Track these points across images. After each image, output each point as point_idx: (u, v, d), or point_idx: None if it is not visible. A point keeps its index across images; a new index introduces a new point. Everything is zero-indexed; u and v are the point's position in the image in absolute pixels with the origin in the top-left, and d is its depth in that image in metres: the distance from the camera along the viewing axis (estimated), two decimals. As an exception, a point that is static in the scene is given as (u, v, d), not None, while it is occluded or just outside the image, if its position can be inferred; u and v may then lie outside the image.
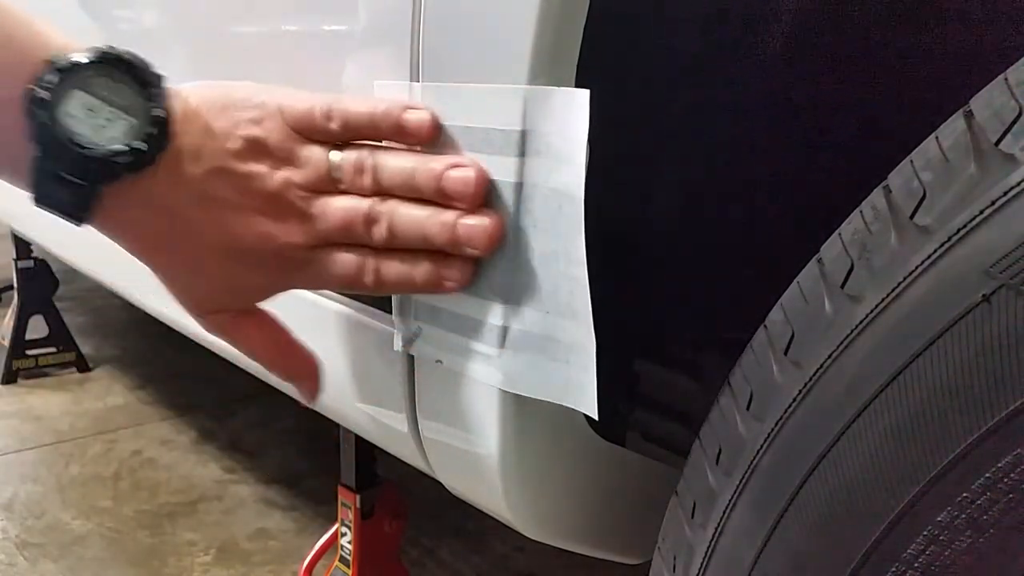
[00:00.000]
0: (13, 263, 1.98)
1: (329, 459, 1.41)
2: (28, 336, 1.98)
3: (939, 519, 0.32)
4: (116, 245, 0.46)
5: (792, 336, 0.37)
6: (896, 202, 0.34)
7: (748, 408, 0.39)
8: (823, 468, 0.36)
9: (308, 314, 0.71)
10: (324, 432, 1.51)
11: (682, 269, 0.53)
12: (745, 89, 0.49)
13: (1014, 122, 0.30)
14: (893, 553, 0.34)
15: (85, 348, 2.08)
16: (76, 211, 0.42)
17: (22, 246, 1.97)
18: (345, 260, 0.47)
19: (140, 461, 1.62)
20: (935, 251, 0.32)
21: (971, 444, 0.31)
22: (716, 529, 0.41)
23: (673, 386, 0.57)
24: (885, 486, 0.34)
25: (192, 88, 0.46)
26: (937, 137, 0.33)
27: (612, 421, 0.57)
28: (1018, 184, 0.30)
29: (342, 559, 1.04)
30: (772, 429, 0.38)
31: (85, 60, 0.41)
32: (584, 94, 0.41)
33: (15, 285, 2.00)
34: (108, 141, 0.41)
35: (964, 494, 0.32)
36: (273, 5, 0.66)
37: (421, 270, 0.46)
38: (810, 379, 0.36)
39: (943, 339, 0.31)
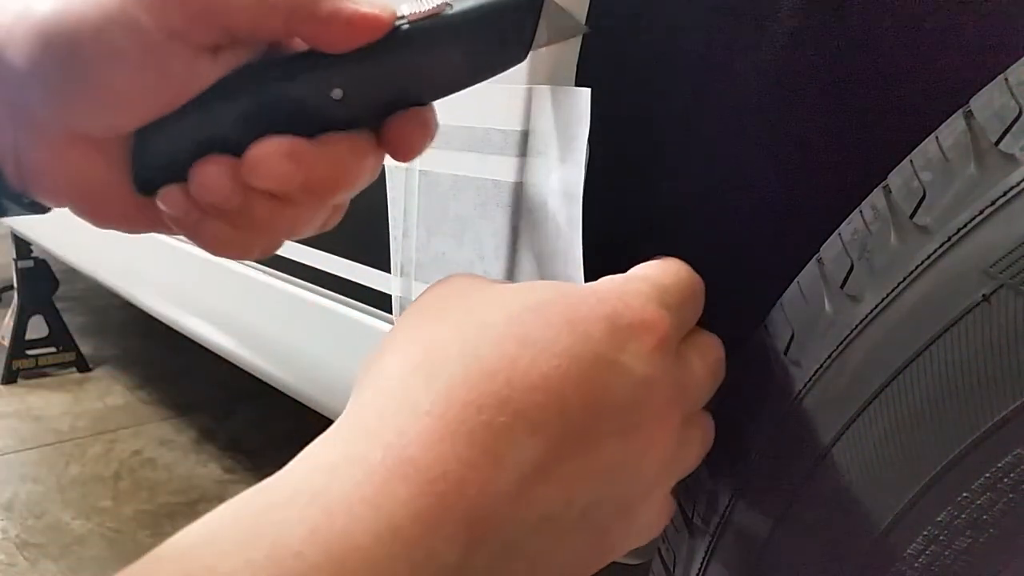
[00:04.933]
0: (13, 263, 1.98)
1: (329, 459, 1.40)
2: (28, 336, 1.98)
3: (939, 519, 0.32)
4: (115, 244, 0.46)
5: (792, 336, 0.37)
6: (896, 202, 0.34)
7: (749, 407, 0.39)
8: (822, 469, 0.36)
9: (309, 314, 0.71)
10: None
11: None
12: (746, 87, 0.49)
13: (1014, 122, 0.30)
14: (893, 553, 0.34)
15: (85, 348, 2.08)
16: None
17: (22, 246, 1.97)
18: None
19: (140, 461, 1.62)
20: (935, 251, 0.32)
21: (971, 444, 0.31)
22: (716, 529, 0.41)
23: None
24: (885, 486, 0.34)
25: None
26: (937, 137, 0.33)
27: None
28: (1018, 184, 0.30)
29: (342, 559, 1.04)
30: (773, 428, 0.38)
31: None
32: (585, 93, 0.41)
33: (15, 285, 2.00)
34: None
35: (964, 494, 0.32)
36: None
37: None
38: (810, 379, 0.36)
39: (943, 339, 0.31)
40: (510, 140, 0.45)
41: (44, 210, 0.37)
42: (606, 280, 0.33)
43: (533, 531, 0.27)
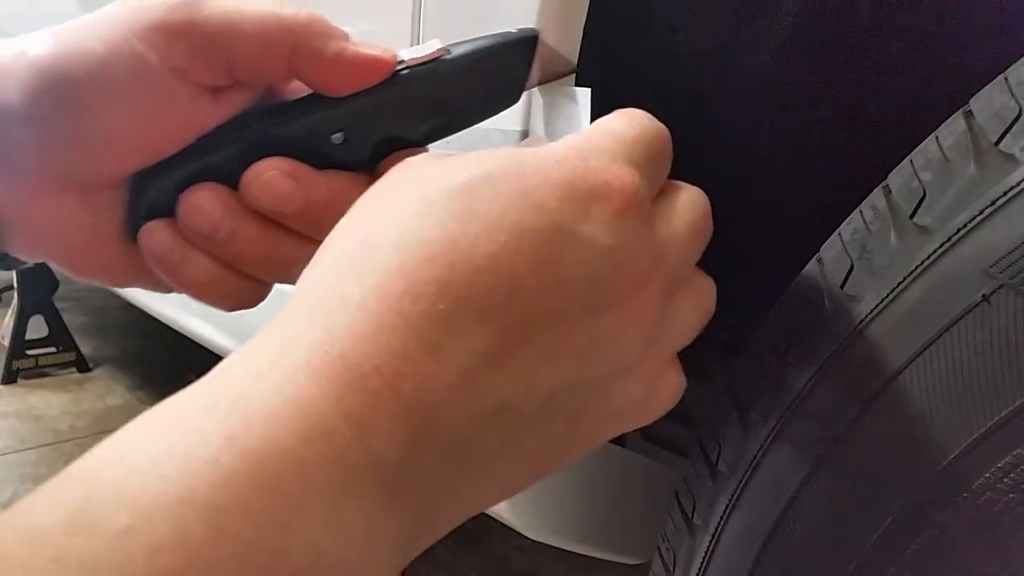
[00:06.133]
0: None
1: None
2: (28, 336, 1.98)
3: (939, 519, 0.32)
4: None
5: (793, 336, 0.37)
6: (896, 202, 0.34)
7: (748, 408, 0.39)
8: (824, 469, 0.36)
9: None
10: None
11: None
12: (746, 87, 0.49)
13: (1014, 122, 0.30)
14: (893, 553, 0.34)
15: (85, 348, 2.08)
16: None
17: (22, 246, 1.97)
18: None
19: (140, 461, 1.62)
20: (935, 251, 0.32)
21: (971, 444, 0.31)
22: (716, 529, 0.41)
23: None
24: (885, 486, 0.34)
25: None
26: (937, 137, 0.33)
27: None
28: (1018, 184, 0.30)
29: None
30: (772, 429, 0.38)
31: None
32: (585, 93, 0.41)
33: (15, 285, 2.00)
34: None
35: (964, 494, 0.32)
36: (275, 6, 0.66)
37: None
38: (810, 379, 0.36)
39: (943, 339, 0.31)
40: (510, 140, 0.45)
41: (16, 264, 0.36)
42: (566, 140, 0.29)
43: (487, 424, 0.24)
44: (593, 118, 0.41)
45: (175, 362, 2.04)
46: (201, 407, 0.22)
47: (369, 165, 0.34)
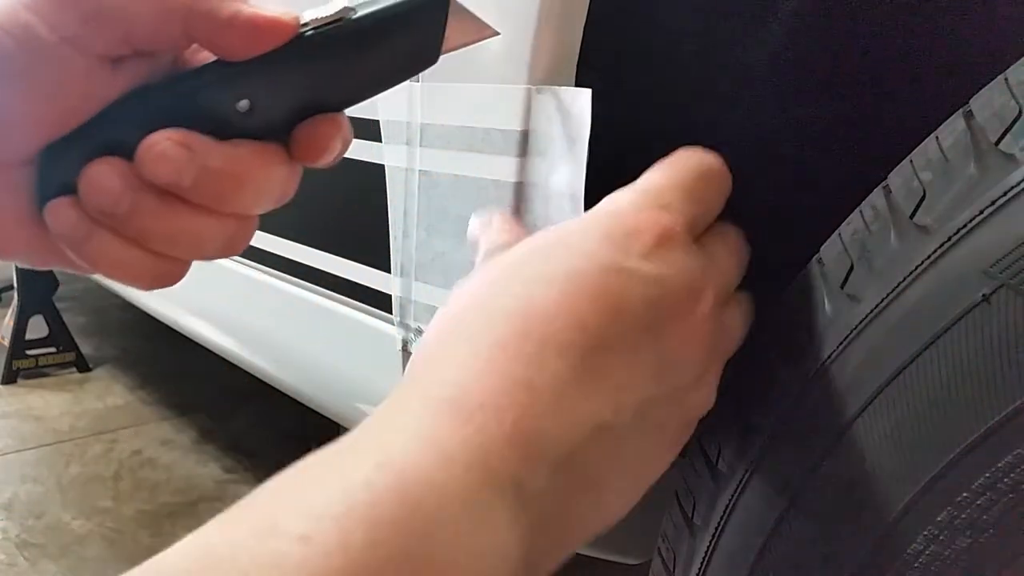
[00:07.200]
0: (13, 263, 1.98)
1: (329, 459, 1.40)
2: (28, 336, 1.98)
3: (939, 519, 0.32)
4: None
5: (793, 337, 0.37)
6: (896, 202, 0.34)
7: (748, 408, 0.39)
8: (824, 468, 0.36)
9: (309, 315, 0.71)
10: (324, 432, 1.51)
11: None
12: (746, 88, 0.49)
13: (1014, 122, 0.30)
14: (893, 553, 0.34)
15: (85, 348, 2.08)
16: None
17: (22, 246, 1.96)
18: None
19: (140, 461, 1.62)
20: (935, 251, 0.32)
21: (971, 444, 0.31)
22: (716, 529, 0.41)
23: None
24: (885, 486, 0.34)
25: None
26: (937, 137, 0.33)
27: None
28: (1018, 184, 0.30)
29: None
30: (772, 429, 0.38)
31: None
32: (586, 93, 0.41)
33: (15, 285, 2.00)
34: None
35: (964, 494, 0.32)
36: (271, 6, 0.66)
37: None
38: (810, 380, 0.36)
39: (943, 339, 0.31)
40: (510, 140, 0.45)
41: None
42: (600, 203, 0.35)
43: (589, 442, 0.29)
44: (593, 118, 0.41)
45: (175, 362, 2.04)
46: (350, 446, 0.27)
47: (282, 133, 0.32)
